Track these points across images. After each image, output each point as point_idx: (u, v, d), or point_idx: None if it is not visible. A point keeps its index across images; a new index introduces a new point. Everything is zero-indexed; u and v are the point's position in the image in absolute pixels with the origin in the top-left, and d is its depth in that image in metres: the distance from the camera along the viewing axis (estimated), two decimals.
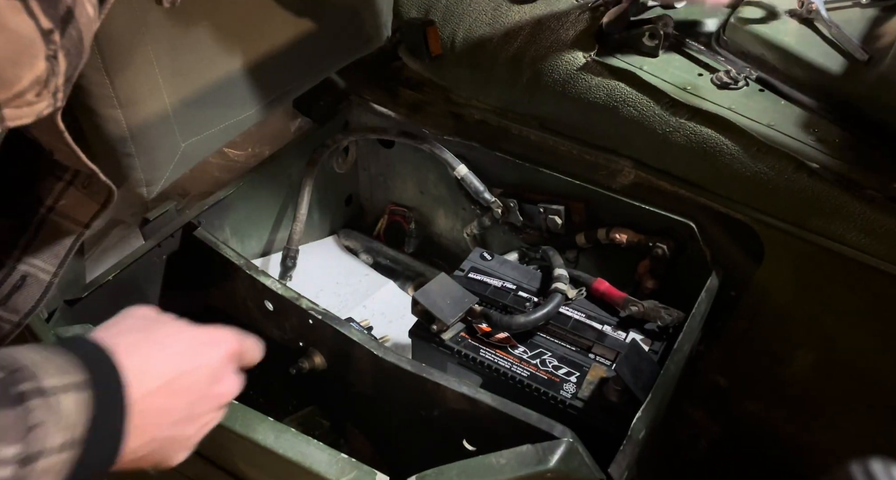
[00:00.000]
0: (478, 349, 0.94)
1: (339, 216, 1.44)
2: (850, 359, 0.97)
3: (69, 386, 0.41)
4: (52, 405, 0.40)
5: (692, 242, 1.03)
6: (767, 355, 1.05)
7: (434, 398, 0.80)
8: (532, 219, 1.17)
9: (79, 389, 0.41)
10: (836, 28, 0.96)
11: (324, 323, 0.87)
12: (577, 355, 0.94)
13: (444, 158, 1.17)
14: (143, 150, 0.81)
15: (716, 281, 1.00)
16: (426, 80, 1.21)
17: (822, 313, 0.96)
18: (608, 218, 1.10)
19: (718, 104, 0.94)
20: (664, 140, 0.97)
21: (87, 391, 0.42)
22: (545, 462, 0.66)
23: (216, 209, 1.09)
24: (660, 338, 0.95)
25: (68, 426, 0.40)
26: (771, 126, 0.91)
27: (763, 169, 0.91)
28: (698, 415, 1.18)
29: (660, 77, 0.98)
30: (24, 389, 0.39)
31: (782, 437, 1.10)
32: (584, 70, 1.02)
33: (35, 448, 0.38)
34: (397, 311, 1.23)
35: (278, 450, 0.69)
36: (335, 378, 0.94)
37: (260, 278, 0.92)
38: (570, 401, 0.87)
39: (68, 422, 0.40)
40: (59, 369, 0.41)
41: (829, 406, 1.04)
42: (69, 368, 0.42)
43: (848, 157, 0.87)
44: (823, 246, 0.90)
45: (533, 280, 1.05)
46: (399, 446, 0.96)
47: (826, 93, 0.94)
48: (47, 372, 0.40)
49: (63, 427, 0.40)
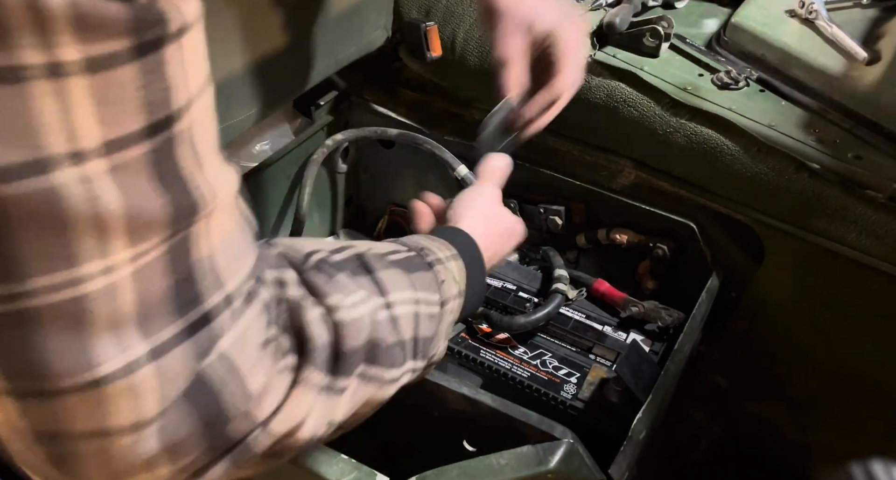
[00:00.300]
0: (478, 349, 0.94)
1: (339, 216, 1.44)
2: (851, 359, 0.97)
3: (451, 257, 0.61)
4: (447, 268, 0.59)
5: (692, 243, 1.02)
6: (768, 355, 1.05)
7: (434, 398, 0.80)
8: (532, 220, 1.16)
9: (456, 258, 0.61)
10: (836, 28, 0.96)
11: None
12: (578, 356, 0.93)
13: (444, 158, 1.17)
14: None
15: (716, 281, 0.99)
16: (426, 80, 1.21)
17: (823, 314, 0.96)
18: (608, 218, 1.10)
19: (719, 104, 0.94)
20: (665, 140, 0.97)
21: (460, 259, 0.62)
22: (545, 463, 0.66)
23: None
24: (660, 339, 0.95)
25: (457, 280, 0.60)
26: (772, 126, 0.91)
27: (764, 169, 0.91)
28: (699, 416, 1.18)
29: (660, 77, 0.98)
30: (430, 259, 0.57)
31: (783, 438, 1.10)
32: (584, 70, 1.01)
33: (445, 295, 0.57)
34: None
35: None
36: None
37: None
38: (571, 402, 0.87)
39: (458, 278, 0.60)
40: (442, 247, 0.61)
41: (829, 407, 1.03)
42: (447, 246, 0.62)
43: (848, 158, 0.87)
44: (824, 247, 0.89)
45: (533, 280, 1.05)
46: (399, 446, 0.96)
47: (826, 94, 0.94)
48: (438, 249, 0.60)
49: (456, 281, 0.59)
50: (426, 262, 0.57)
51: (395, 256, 0.55)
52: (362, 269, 0.50)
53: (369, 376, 0.48)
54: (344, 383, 0.46)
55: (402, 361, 0.52)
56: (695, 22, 1.10)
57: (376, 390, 0.50)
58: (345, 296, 0.46)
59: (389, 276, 0.51)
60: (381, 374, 0.49)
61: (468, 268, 0.62)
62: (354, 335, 0.45)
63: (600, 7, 1.05)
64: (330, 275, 0.47)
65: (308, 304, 0.44)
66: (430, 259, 0.57)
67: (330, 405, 0.45)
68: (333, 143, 1.25)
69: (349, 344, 0.45)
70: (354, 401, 0.48)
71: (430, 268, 0.56)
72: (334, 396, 0.45)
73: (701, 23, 1.10)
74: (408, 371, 0.53)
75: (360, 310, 0.47)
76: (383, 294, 0.50)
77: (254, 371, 0.39)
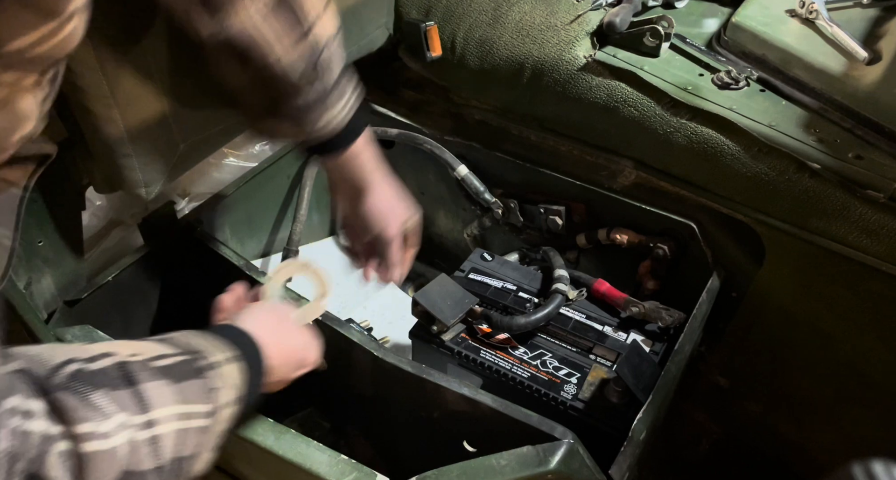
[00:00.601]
0: (478, 350, 0.94)
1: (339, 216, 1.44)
2: (851, 359, 0.96)
3: (230, 359, 0.58)
4: (222, 374, 0.56)
5: (693, 243, 1.02)
6: (768, 355, 1.05)
7: (434, 399, 0.80)
8: (532, 220, 1.17)
9: (238, 360, 0.59)
10: (836, 28, 0.96)
11: (324, 324, 0.87)
12: (578, 356, 0.93)
13: (444, 159, 1.17)
14: (142, 151, 0.81)
15: (717, 281, 0.99)
16: (426, 80, 1.21)
17: (823, 313, 0.96)
18: (609, 218, 1.10)
19: (719, 104, 0.94)
20: (665, 140, 0.97)
21: (241, 362, 0.59)
22: (546, 464, 0.66)
23: (216, 209, 1.09)
24: (661, 339, 0.95)
25: (234, 386, 0.57)
26: (772, 126, 0.91)
27: (764, 169, 0.91)
28: (699, 416, 1.18)
29: (660, 77, 0.98)
30: (201, 365, 0.54)
31: (783, 438, 1.10)
32: (584, 70, 1.01)
33: (218, 404, 0.54)
34: (397, 312, 1.22)
35: (278, 451, 0.69)
36: (335, 379, 0.94)
37: (260, 279, 0.92)
38: (571, 402, 0.87)
39: (234, 384, 0.57)
40: (219, 348, 0.58)
41: (829, 407, 1.03)
42: (226, 347, 0.59)
43: (849, 158, 0.87)
44: (824, 247, 0.89)
45: (533, 281, 1.05)
46: (399, 447, 0.96)
47: (827, 94, 0.93)
48: (215, 351, 0.57)
49: (234, 386, 0.57)
50: (197, 368, 0.54)
51: (163, 362, 0.52)
52: (124, 381, 0.48)
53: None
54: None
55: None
56: (695, 22, 1.10)
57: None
58: (99, 423, 0.44)
59: (154, 389, 0.49)
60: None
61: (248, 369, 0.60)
62: (105, 469, 0.43)
63: (600, 7, 1.05)
64: (83, 396, 0.44)
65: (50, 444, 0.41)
66: (201, 363, 0.55)
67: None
68: None
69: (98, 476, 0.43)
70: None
71: (201, 376, 0.54)
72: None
73: (701, 22, 1.09)
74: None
75: (115, 440, 0.44)
76: (145, 410, 0.47)
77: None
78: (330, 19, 0.76)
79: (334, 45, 0.77)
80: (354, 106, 0.82)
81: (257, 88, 0.75)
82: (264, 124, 0.80)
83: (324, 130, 0.80)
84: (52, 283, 0.90)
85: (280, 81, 0.74)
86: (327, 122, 0.80)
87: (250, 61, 0.72)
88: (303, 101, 0.76)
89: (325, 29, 0.75)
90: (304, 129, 0.79)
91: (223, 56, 0.72)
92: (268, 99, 0.76)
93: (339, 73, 0.79)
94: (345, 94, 0.80)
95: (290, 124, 0.79)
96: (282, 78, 0.74)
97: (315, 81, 0.76)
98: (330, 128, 0.80)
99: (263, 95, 0.76)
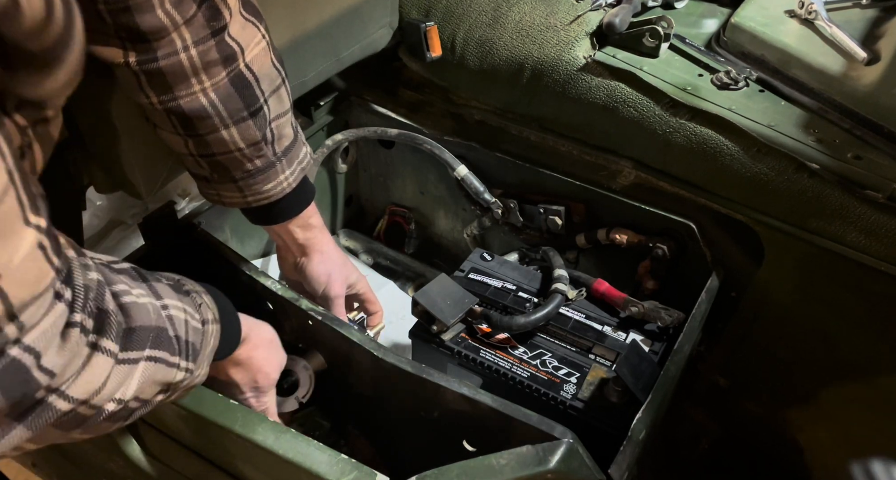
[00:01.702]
0: (478, 349, 0.94)
1: (340, 216, 1.44)
2: (851, 359, 0.97)
3: (204, 291, 0.68)
4: (202, 298, 0.67)
5: (692, 243, 1.03)
6: (767, 355, 1.05)
7: (434, 398, 0.80)
8: (532, 220, 1.17)
9: (207, 293, 0.69)
10: (836, 28, 0.96)
11: (323, 324, 0.87)
12: (578, 356, 0.93)
13: (444, 159, 1.17)
14: (142, 151, 0.81)
15: (716, 281, 1.00)
16: (426, 80, 1.21)
17: (823, 313, 0.96)
18: (608, 218, 1.10)
19: (719, 105, 0.94)
20: (664, 140, 0.97)
21: (209, 295, 0.69)
22: (545, 463, 0.66)
23: (216, 209, 1.09)
24: (660, 339, 0.95)
25: (211, 308, 0.68)
26: (771, 126, 0.91)
27: (763, 169, 0.91)
28: (698, 415, 1.18)
29: (660, 77, 0.98)
30: (188, 288, 0.66)
31: (782, 437, 1.10)
32: (584, 70, 1.02)
33: (205, 316, 0.65)
34: (397, 312, 1.22)
35: (278, 451, 0.69)
36: (335, 378, 0.94)
37: (260, 279, 0.92)
38: (571, 402, 0.87)
39: (211, 307, 0.68)
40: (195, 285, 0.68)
41: (829, 407, 1.03)
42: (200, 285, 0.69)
43: (848, 158, 0.87)
44: (824, 247, 0.90)
45: (533, 280, 1.05)
46: (399, 447, 0.96)
47: (826, 94, 0.94)
48: (192, 285, 0.67)
49: (210, 308, 0.67)
50: (186, 290, 0.65)
51: (162, 280, 0.63)
52: (139, 278, 0.59)
53: (156, 357, 0.56)
54: (135, 356, 0.54)
55: (179, 352, 0.60)
56: (694, 22, 1.10)
57: (163, 371, 0.58)
58: (129, 288, 0.55)
59: (161, 287, 0.61)
60: (166, 357, 0.58)
61: (218, 303, 0.70)
62: (142, 317, 0.55)
63: (600, 7, 1.05)
64: (114, 271, 0.56)
65: (103, 288, 0.51)
66: (187, 288, 0.66)
67: (122, 374, 0.53)
68: (333, 143, 1.25)
69: (138, 323, 0.54)
70: (144, 378, 0.55)
71: (188, 294, 0.65)
72: (126, 367, 0.53)
73: (700, 23, 1.10)
74: (184, 367, 0.61)
75: (143, 300, 0.56)
76: (158, 298, 0.59)
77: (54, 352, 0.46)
78: (283, 96, 0.79)
79: (285, 118, 0.80)
80: (299, 176, 0.85)
81: (203, 157, 0.78)
82: (208, 189, 0.84)
83: (264, 200, 0.83)
84: None
85: (226, 153, 0.77)
86: (269, 191, 0.82)
87: (197, 130, 0.74)
88: (245, 172, 0.80)
89: (277, 106, 0.78)
90: (246, 198, 0.83)
91: (168, 124, 0.74)
92: (209, 167, 0.79)
93: (288, 145, 0.82)
94: (291, 165, 0.83)
95: (232, 191, 0.82)
96: (228, 149, 0.76)
97: (261, 155, 0.79)
98: (273, 197, 0.83)
99: (206, 164, 0.79)
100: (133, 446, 0.88)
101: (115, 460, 0.91)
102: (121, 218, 1.28)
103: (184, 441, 0.84)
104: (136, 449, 0.88)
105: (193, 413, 0.72)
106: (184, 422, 0.78)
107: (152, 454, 0.88)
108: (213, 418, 0.71)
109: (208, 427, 0.73)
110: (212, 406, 0.72)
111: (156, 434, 0.85)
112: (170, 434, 0.84)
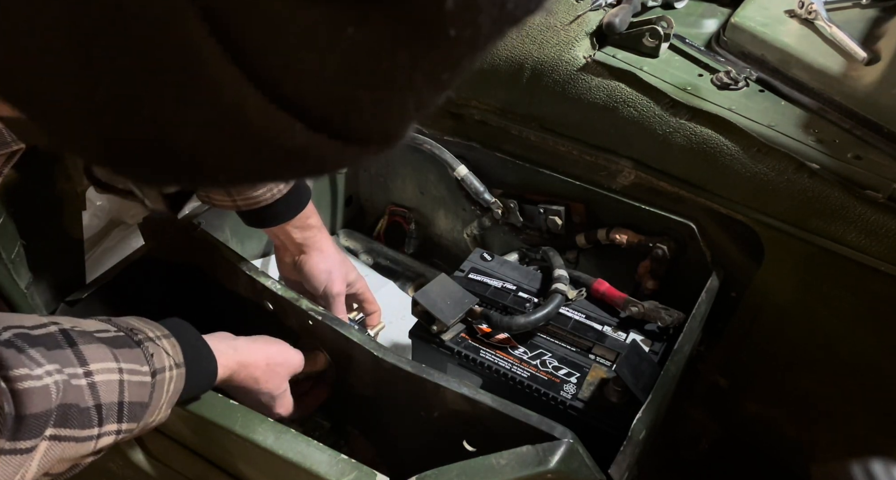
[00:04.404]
0: (478, 350, 0.94)
1: (339, 216, 1.44)
2: (850, 359, 0.97)
3: (165, 336, 0.66)
4: (156, 345, 0.64)
5: (692, 243, 1.02)
6: (768, 355, 1.05)
7: (434, 398, 0.80)
8: (532, 220, 1.17)
9: (169, 337, 0.67)
10: (836, 28, 0.96)
11: (323, 324, 0.87)
12: (578, 356, 0.94)
13: (444, 159, 1.17)
14: None
15: (716, 281, 1.00)
16: None
17: (822, 313, 0.96)
18: (608, 218, 1.10)
19: (718, 105, 0.94)
20: (664, 140, 0.97)
21: (173, 338, 0.67)
22: (545, 463, 0.66)
23: (216, 209, 1.09)
24: (660, 339, 0.95)
25: (169, 355, 0.65)
26: (771, 126, 0.91)
27: (763, 169, 0.91)
28: (698, 415, 1.18)
29: (660, 77, 0.98)
30: (139, 338, 0.63)
31: (782, 437, 1.10)
32: (584, 70, 1.02)
33: (155, 367, 0.63)
34: (397, 312, 1.22)
35: (278, 451, 0.69)
36: (335, 379, 0.94)
37: (260, 279, 0.92)
38: (571, 402, 0.87)
39: (168, 353, 0.65)
40: (152, 328, 0.66)
41: (829, 406, 1.03)
42: (158, 328, 0.67)
43: (848, 158, 0.87)
44: (824, 247, 0.90)
45: (533, 280, 1.05)
46: (399, 447, 0.96)
47: (826, 94, 0.94)
48: (149, 330, 0.65)
49: (172, 354, 0.65)
50: (135, 340, 0.63)
51: (102, 334, 0.61)
52: (64, 343, 0.57)
53: (60, 436, 0.55)
54: (28, 444, 0.52)
55: (100, 422, 0.58)
56: (694, 22, 1.10)
57: (73, 447, 0.56)
58: (31, 369, 0.53)
59: (91, 350, 0.58)
60: (75, 434, 0.56)
61: (182, 346, 0.68)
62: (39, 402, 0.52)
63: (600, 7, 1.05)
64: (21, 350, 0.53)
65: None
66: (139, 337, 0.64)
67: (14, 464, 0.52)
68: None
69: (31, 410, 0.52)
70: (47, 459, 0.54)
71: (137, 346, 0.63)
72: (17, 457, 0.52)
73: (700, 23, 1.10)
74: (112, 431, 0.60)
75: (46, 380, 0.53)
76: (83, 364, 0.57)
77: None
78: None
79: None
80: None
81: None
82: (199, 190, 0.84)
83: (254, 204, 0.83)
84: (53, 283, 0.90)
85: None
86: (259, 196, 0.82)
87: None
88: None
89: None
90: (235, 202, 0.83)
91: None
92: None
93: None
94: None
95: (221, 194, 0.83)
96: None
97: None
98: (263, 202, 0.84)
99: None
100: (133, 446, 0.88)
101: (114, 460, 0.91)
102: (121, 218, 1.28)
103: (184, 442, 0.84)
104: (136, 450, 0.88)
105: (194, 414, 0.72)
106: (184, 423, 0.78)
107: (152, 454, 0.88)
108: (213, 418, 0.71)
109: (208, 428, 0.73)
110: (212, 407, 0.72)
111: (156, 434, 0.85)
112: (170, 435, 0.84)
